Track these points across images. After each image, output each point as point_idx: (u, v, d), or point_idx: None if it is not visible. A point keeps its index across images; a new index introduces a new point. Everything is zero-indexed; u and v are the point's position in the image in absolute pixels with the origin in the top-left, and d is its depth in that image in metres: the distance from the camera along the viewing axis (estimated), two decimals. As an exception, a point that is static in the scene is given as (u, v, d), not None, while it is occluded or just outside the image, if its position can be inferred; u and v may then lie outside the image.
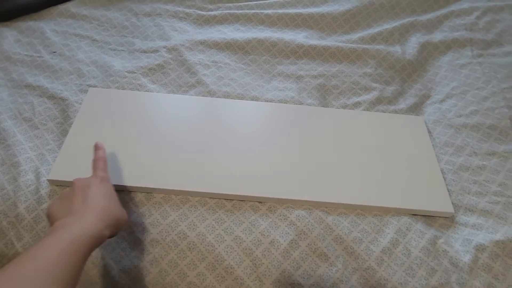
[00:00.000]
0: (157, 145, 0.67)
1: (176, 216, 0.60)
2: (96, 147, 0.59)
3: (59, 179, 0.61)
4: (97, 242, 0.45)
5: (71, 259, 0.41)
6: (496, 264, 0.58)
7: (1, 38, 0.84)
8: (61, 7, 0.93)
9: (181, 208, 0.61)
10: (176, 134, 0.69)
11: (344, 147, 0.70)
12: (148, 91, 0.77)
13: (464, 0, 1.02)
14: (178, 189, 0.62)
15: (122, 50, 0.86)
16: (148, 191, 0.62)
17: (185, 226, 0.59)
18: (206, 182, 0.63)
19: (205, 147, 0.68)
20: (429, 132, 0.76)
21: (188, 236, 0.58)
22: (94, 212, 0.47)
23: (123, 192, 0.62)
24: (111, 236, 0.49)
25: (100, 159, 0.57)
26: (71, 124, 0.70)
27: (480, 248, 0.59)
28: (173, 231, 0.58)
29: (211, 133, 0.70)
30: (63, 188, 0.61)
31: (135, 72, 0.80)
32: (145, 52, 0.86)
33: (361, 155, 0.70)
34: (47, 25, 0.89)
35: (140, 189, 0.62)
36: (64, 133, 0.69)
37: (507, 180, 0.68)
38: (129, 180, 0.62)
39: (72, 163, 0.63)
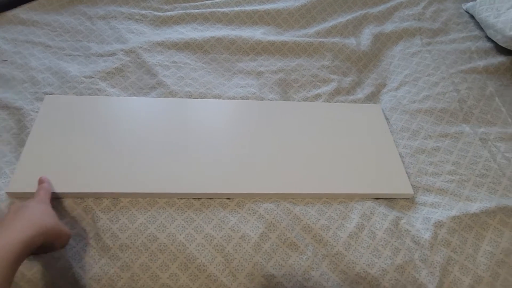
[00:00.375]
0: (121, 149, 0.66)
1: (145, 219, 0.59)
2: (40, 181, 0.58)
3: (19, 191, 0.59)
4: (26, 248, 0.44)
5: None
6: (454, 239, 0.61)
7: None
8: (9, 13, 0.89)
9: (149, 210, 0.60)
10: (140, 137, 0.69)
11: (307, 138, 0.72)
12: (107, 95, 0.76)
13: (411, -9, 1.07)
14: (145, 192, 0.61)
15: (78, 55, 0.84)
16: (114, 196, 0.61)
17: (155, 228, 0.59)
18: (173, 182, 0.63)
19: (170, 148, 0.67)
20: (387, 119, 0.79)
21: (158, 238, 0.58)
22: (23, 220, 0.46)
23: (88, 199, 0.60)
24: (48, 250, 0.49)
25: (42, 189, 0.57)
26: (28, 133, 0.67)
27: (438, 225, 0.62)
28: (142, 234, 0.58)
29: (175, 134, 0.70)
30: (24, 200, 0.59)
31: (93, 77, 0.79)
32: (102, 56, 0.84)
33: (324, 145, 0.72)
34: (-5, 33, 0.85)
35: (106, 194, 0.61)
36: (22, 143, 0.67)
37: (459, 159, 0.72)
38: (94, 186, 0.61)
39: (32, 173, 0.61)
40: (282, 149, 0.70)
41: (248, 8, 0.97)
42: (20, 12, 0.90)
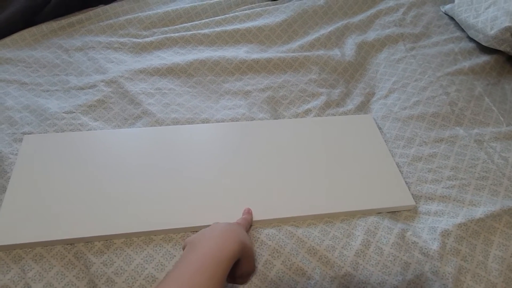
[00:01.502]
0: (109, 187, 0.63)
1: (141, 259, 0.56)
2: (243, 213, 0.61)
3: (3, 243, 0.55)
4: (231, 262, 0.48)
5: (202, 279, 0.44)
6: (463, 247, 0.60)
7: None
8: (-19, 52, 0.86)
9: (145, 249, 0.57)
10: (129, 171, 0.65)
11: (302, 157, 0.70)
12: (90, 130, 0.73)
13: (389, -2, 1.08)
14: (140, 230, 0.58)
15: (56, 90, 0.81)
16: (107, 239, 0.58)
17: (153, 268, 0.55)
18: (169, 217, 0.60)
19: (162, 180, 0.64)
20: (379, 128, 0.78)
21: (157, 278, 0.54)
22: (231, 238, 0.50)
23: (78, 244, 0.57)
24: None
25: (244, 220, 0.59)
26: (9, 178, 0.63)
27: (445, 234, 0.61)
28: (140, 276, 0.54)
29: (166, 164, 0.67)
30: (8, 253, 0.55)
31: (74, 112, 0.75)
32: (82, 88, 0.81)
33: (320, 162, 0.70)
34: (-33, 74, 0.81)
35: (97, 238, 0.57)
36: (2, 189, 0.63)
37: (458, 163, 0.71)
38: (84, 230, 0.57)
39: (15, 223, 0.57)
40: (278, 171, 0.68)
41: (229, 27, 0.96)
42: (-8, 50, 0.86)
